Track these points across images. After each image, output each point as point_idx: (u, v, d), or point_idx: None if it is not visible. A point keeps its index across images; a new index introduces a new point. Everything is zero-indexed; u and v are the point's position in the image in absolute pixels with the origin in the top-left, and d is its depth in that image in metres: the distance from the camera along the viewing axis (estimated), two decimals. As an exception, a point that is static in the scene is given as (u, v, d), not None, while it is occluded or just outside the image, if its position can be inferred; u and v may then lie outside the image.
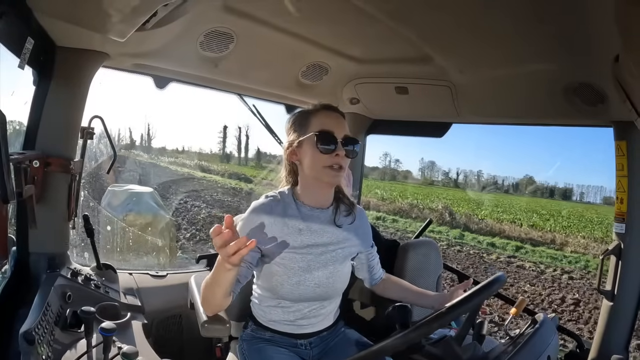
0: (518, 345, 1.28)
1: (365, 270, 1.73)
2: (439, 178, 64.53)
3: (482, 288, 1.27)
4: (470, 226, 22.02)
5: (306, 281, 1.48)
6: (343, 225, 1.59)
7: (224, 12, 1.61)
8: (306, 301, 1.53)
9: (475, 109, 2.24)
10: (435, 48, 1.79)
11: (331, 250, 1.54)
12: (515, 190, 56.07)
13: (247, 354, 1.58)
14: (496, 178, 60.90)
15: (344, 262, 1.58)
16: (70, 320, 1.48)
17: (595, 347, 1.84)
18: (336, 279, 1.54)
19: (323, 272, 1.51)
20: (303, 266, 1.48)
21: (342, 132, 1.48)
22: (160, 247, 7.42)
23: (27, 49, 1.31)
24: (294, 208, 1.52)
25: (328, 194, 1.56)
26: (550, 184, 54.74)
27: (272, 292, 1.52)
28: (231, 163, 53.22)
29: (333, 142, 1.45)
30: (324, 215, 1.55)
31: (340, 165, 1.46)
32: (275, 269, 1.48)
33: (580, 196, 55.72)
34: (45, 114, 1.60)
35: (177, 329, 2.34)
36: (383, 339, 1.23)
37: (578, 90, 1.67)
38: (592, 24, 1.27)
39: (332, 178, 1.47)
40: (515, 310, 1.57)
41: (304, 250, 1.49)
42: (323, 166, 1.45)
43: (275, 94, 2.46)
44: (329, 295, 1.56)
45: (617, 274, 1.77)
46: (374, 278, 1.75)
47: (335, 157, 1.45)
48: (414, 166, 72.20)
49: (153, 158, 45.39)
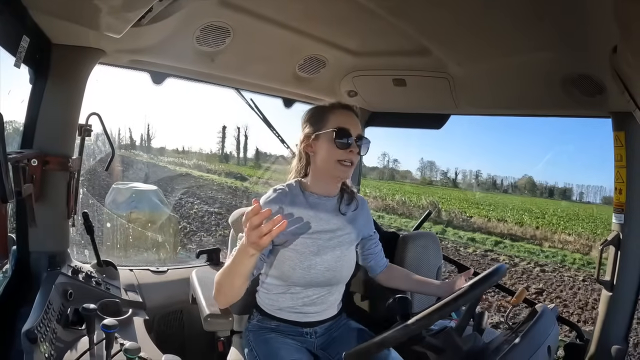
0: (518, 335, 1.28)
1: (370, 257, 1.83)
2: (438, 177, 66.12)
3: (482, 279, 1.28)
4: (454, 222, 22.60)
5: (317, 265, 1.57)
6: (347, 213, 1.70)
7: (220, 6, 1.60)
8: (316, 286, 1.61)
9: (473, 100, 2.23)
10: (433, 40, 1.78)
11: (338, 236, 1.64)
12: (514, 190, 56.97)
13: (254, 344, 1.61)
14: (495, 178, 62.14)
15: (350, 247, 1.68)
16: (72, 317, 1.48)
17: (595, 337, 1.86)
18: (343, 262, 1.64)
19: (332, 255, 1.60)
20: (314, 250, 1.57)
21: (356, 130, 1.60)
22: (161, 243, 7.44)
23: (23, 47, 1.30)
24: (302, 198, 1.63)
25: (337, 184, 1.68)
26: (549, 183, 55.66)
27: (283, 278, 1.59)
28: (230, 163, 54.01)
29: (347, 138, 1.57)
30: (329, 204, 1.67)
31: (352, 160, 1.57)
32: (288, 254, 1.56)
33: (580, 196, 57.25)
34: (42, 112, 1.59)
35: (179, 324, 2.35)
36: (384, 330, 1.24)
37: (576, 81, 1.66)
38: (590, 15, 1.26)
39: (343, 172, 1.59)
40: (514, 300, 1.58)
41: (314, 235, 1.59)
42: (336, 160, 1.56)
43: (272, 88, 2.45)
44: (337, 280, 1.65)
45: (616, 265, 1.78)
46: (379, 265, 1.84)
47: (349, 152, 1.56)
48: (414, 166, 72.81)
49: (152, 158, 45.92)
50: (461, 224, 22.27)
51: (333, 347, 1.66)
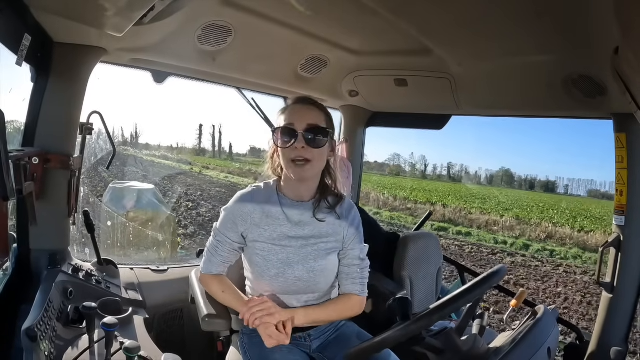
0: (518, 337, 1.29)
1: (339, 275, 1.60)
2: (430, 173, 69.09)
3: (482, 280, 1.27)
4: (417, 212, 23.58)
5: (285, 274, 1.48)
6: (326, 220, 1.55)
7: (222, 5, 1.60)
8: (290, 294, 1.52)
9: (474, 101, 2.23)
10: (435, 40, 1.78)
11: (312, 244, 1.52)
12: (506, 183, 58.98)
13: (248, 347, 1.58)
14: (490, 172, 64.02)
15: (327, 258, 1.53)
16: (72, 316, 1.48)
17: (595, 339, 1.86)
18: (318, 274, 1.51)
19: (304, 266, 1.49)
20: (282, 258, 1.48)
21: (303, 122, 1.44)
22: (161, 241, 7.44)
23: (25, 45, 1.30)
24: (276, 199, 1.53)
25: (306, 187, 1.54)
26: (550, 178, 57.32)
27: (256, 281, 1.54)
28: (207, 156, 61.32)
29: (290, 135, 1.43)
30: (304, 208, 1.53)
31: (304, 158, 1.42)
32: (256, 259, 1.50)
33: (566, 189, 59.37)
34: (43, 111, 1.59)
35: (179, 323, 2.35)
36: (382, 332, 1.24)
37: (578, 82, 1.66)
38: (592, 16, 1.26)
39: (296, 172, 1.44)
40: (515, 302, 1.58)
41: (284, 242, 1.50)
42: (287, 161, 1.44)
43: (274, 87, 2.45)
44: (312, 290, 1.53)
45: (617, 266, 1.78)
46: (341, 287, 1.61)
47: (294, 149, 1.42)
48: (412, 161, 75.19)
49: (136, 152, 50.86)
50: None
51: (330, 349, 1.62)
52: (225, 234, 1.52)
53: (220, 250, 1.54)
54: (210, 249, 1.56)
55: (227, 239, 1.52)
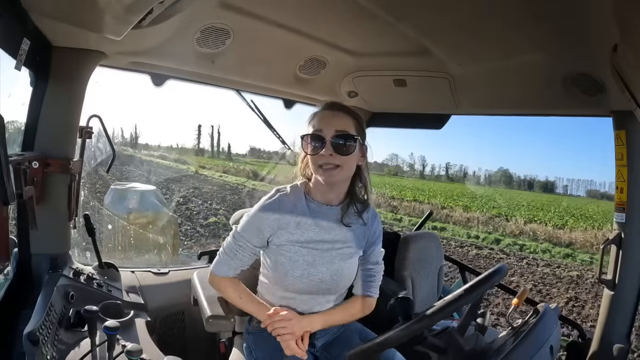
0: (520, 335, 1.28)
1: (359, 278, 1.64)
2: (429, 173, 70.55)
3: (483, 279, 1.27)
4: (399, 209, 24.41)
5: (310, 275, 1.49)
6: (352, 225, 1.56)
7: (220, 8, 1.60)
8: (311, 294, 1.55)
9: (474, 100, 2.23)
10: (433, 40, 1.78)
11: (337, 248, 1.54)
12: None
13: (254, 346, 1.60)
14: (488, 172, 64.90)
15: (349, 261, 1.57)
16: (73, 319, 1.48)
17: (597, 336, 1.85)
18: (340, 276, 1.55)
19: (328, 268, 1.51)
20: (308, 260, 1.50)
21: (331, 128, 1.44)
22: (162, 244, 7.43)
23: (24, 50, 1.30)
24: (304, 203, 1.53)
25: (334, 192, 1.54)
26: (549, 178, 57.87)
27: (277, 282, 1.54)
28: (205, 156, 60.94)
29: (318, 142, 1.45)
30: (332, 213, 1.54)
31: (333, 164, 1.43)
32: (281, 259, 1.50)
33: (564, 189, 59.41)
34: (43, 115, 1.59)
35: (181, 325, 2.34)
36: (385, 330, 1.24)
37: (577, 80, 1.66)
38: (591, 14, 1.26)
39: (324, 178, 1.45)
40: (517, 301, 1.58)
41: (311, 245, 1.51)
42: (316, 166, 1.46)
43: (273, 89, 2.45)
44: (332, 291, 1.57)
45: (618, 264, 1.78)
46: (356, 288, 1.66)
47: (322, 156, 1.43)
48: (411, 161, 76.35)
49: (135, 152, 52.03)
50: (407, 211, 23.96)
51: (334, 348, 1.64)
52: (248, 239, 1.51)
53: (240, 254, 1.52)
54: (227, 252, 1.54)
55: (249, 244, 1.51)
